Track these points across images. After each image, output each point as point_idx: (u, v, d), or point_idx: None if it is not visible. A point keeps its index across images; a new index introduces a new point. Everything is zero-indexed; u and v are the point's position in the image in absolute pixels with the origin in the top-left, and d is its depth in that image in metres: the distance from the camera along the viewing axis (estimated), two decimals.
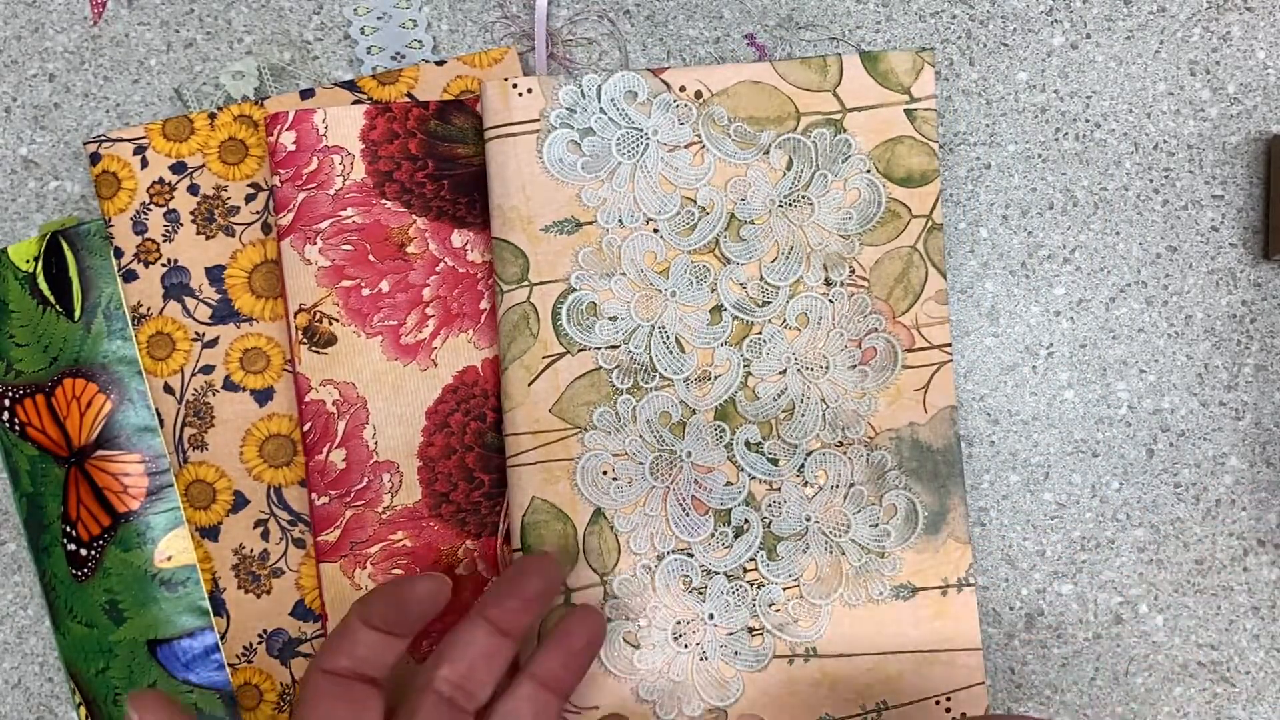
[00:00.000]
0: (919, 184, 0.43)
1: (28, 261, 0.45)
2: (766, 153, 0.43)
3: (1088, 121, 0.46)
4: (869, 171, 0.43)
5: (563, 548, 0.42)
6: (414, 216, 0.44)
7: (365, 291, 0.43)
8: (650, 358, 0.42)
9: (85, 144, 0.45)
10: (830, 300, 0.43)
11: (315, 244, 0.43)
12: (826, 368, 0.43)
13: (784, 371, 0.43)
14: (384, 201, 0.44)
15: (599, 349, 0.42)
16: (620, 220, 0.43)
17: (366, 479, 0.43)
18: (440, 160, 0.44)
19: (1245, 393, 0.45)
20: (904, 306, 0.43)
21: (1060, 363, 0.45)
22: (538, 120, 0.43)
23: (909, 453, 0.43)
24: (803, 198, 0.43)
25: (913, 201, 0.43)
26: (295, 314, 0.43)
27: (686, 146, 0.43)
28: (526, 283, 0.42)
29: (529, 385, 0.42)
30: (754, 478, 0.42)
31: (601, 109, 0.43)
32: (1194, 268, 0.45)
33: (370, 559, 0.43)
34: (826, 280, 0.43)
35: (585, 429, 0.42)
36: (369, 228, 0.43)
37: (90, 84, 0.47)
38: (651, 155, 0.43)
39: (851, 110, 0.43)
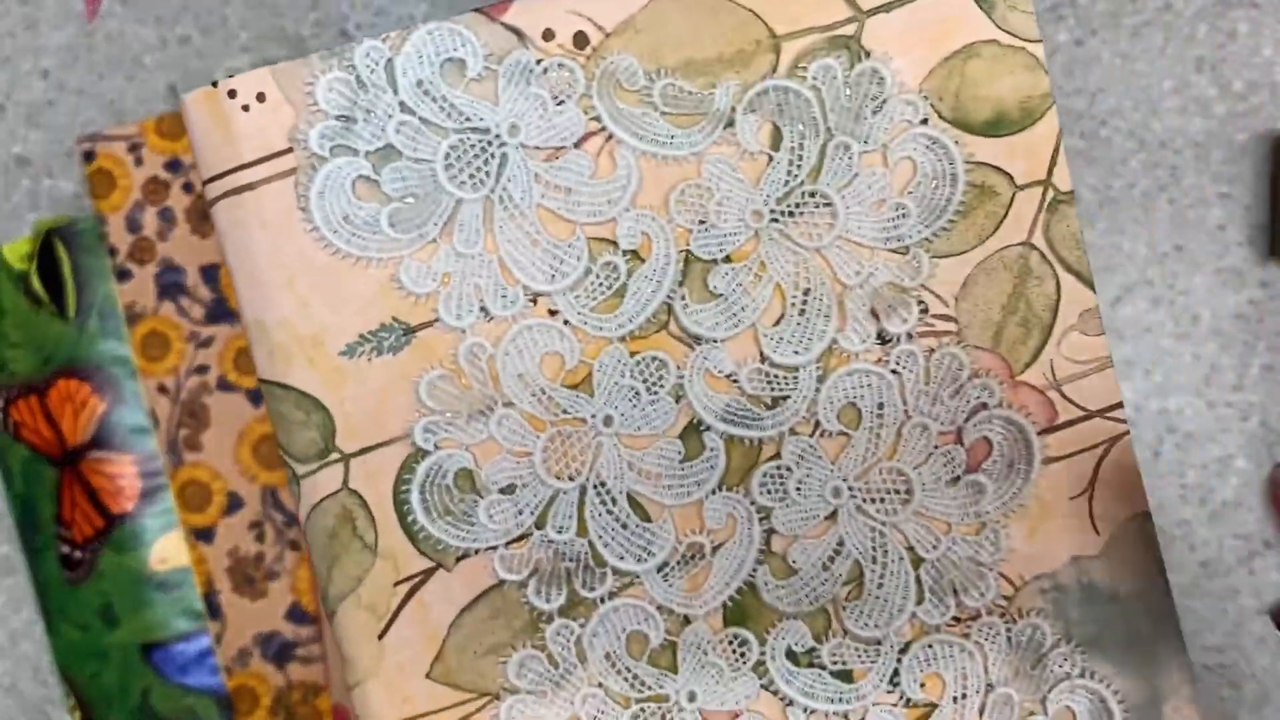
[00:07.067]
0: (1018, 126, 0.26)
1: (21, 261, 0.45)
2: (728, 124, 0.24)
3: (1093, 119, 0.45)
4: (924, 122, 0.25)
5: None
6: None
7: None
8: (589, 543, 0.25)
9: (79, 142, 0.45)
10: (894, 370, 0.26)
11: None
12: (907, 492, 0.26)
13: (832, 515, 0.25)
14: None
15: (494, 549, 0.26)
16: (482, 307, 0.25)
17: None
18: None
19: (1252, 393, 0.45)
20: (1026, 354, 0.27)
21: None
22: (289, 151, 0.26)
23: (1080, 611, 0.27)
24: (811, 195, 0.26)
25: (1013, 159, 0.26)
26: None
27: (578, 144, 0.24)
28: (336, 455, 0.27)
29: (379, 638, 0.27)
30: (814, 711, 0.25)
31: (402, 103, 0.25)
32: (1201, 267, 0.45)
33: None
34: (880, 336, 0.26)
35: (498, 695, 0.25)
36: None
37: (84, 81, 0.47)
38: (515, 175, 0.24)
39: (874, 10, 0.25)
